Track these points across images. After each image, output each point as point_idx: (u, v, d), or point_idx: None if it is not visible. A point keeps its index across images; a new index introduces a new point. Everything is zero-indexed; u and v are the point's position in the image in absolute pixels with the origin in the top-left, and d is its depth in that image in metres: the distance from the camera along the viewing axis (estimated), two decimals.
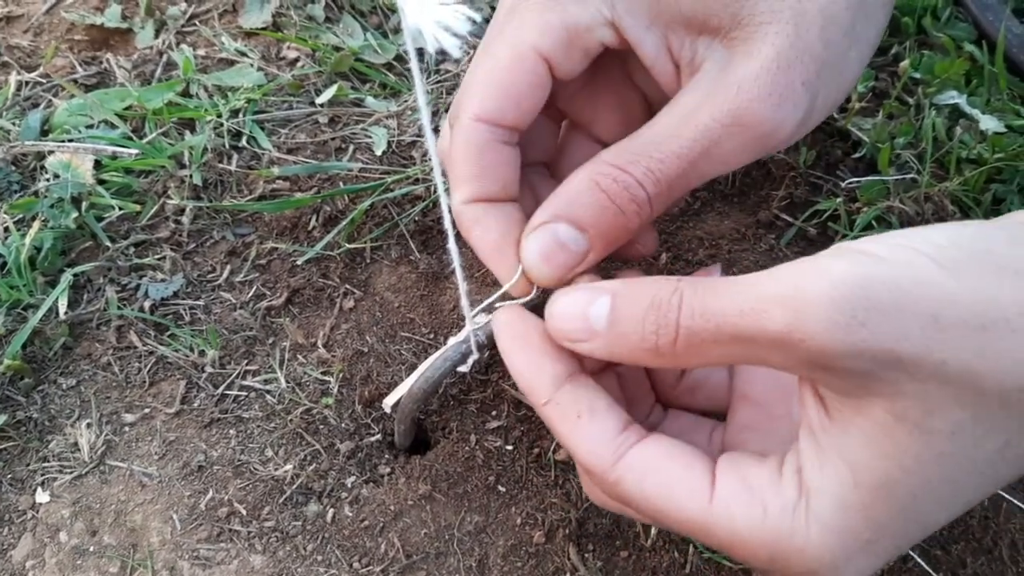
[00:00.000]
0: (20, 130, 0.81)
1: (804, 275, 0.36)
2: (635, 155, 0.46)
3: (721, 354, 0.39)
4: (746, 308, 0.37)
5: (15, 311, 0.71)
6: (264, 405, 0.68)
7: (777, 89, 0.44)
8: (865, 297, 0.34)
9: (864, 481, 0.37)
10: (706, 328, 0.38)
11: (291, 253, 0.75)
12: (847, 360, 0.34)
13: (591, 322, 0.42)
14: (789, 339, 0.35)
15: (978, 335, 0.34)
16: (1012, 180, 0.72)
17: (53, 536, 0.63)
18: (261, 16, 0.90)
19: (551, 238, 0.47)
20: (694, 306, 0.39)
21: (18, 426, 0.67)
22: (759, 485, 0.40)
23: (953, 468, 0.36)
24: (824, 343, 0.34)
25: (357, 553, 0.61)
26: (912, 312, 0.34)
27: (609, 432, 0.42)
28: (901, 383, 0.35)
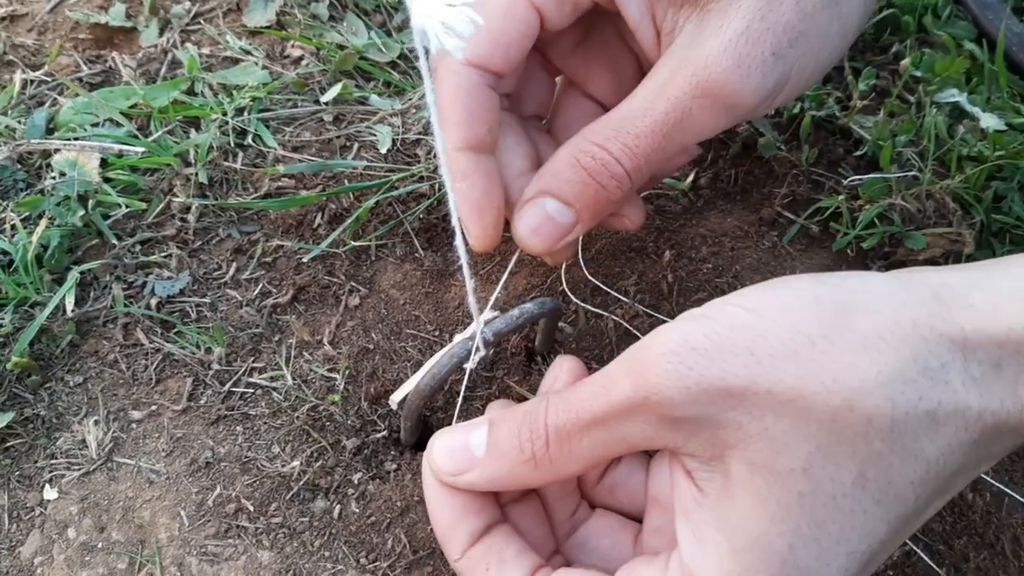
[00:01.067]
0: (26, 128, 0.81)
1: (641, 346, 0.39)
2: (613, 131, 0.48)
3: (590, 444, 0.41)
4: (596, 389, 0.40)
5: (22, 309, 0.71)
6: (271, 402, 0.68)
7: (745, 60, 0.45)
8: (689, 346, 0.37)
9: (739, 544, 0.37)
10: (568, 420, 0.41)
11: (297, 251, 0.75)
12: (688, 406, 0.37)
13: (471, 451, 0.45)
14: (636, 400, 0.38)
15: (791, 361, 0.36)
16: (1012, 177, 0.72)
17: (61, 532, 0.63)
18: (265, 15, 0.90)
19: (540, 212, 0.50)
20: (558, 405, 0.42)
21: (26, 423, 0.68)
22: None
23: (816, 507, 0.36)
24: (665, 394, 0.37)
25: (364, 549, 0.62)
26: (729, 351, 0.37)
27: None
28: (744, 425, 0.36)
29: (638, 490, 0.50)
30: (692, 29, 0.47)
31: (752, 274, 0.72)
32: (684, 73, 0.46)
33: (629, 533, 0.50)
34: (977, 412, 0.37)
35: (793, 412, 0.36)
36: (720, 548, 0.38)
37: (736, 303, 0.39)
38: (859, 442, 0.36)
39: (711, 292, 0.71)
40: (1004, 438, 0.38)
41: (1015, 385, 0.37)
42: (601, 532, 0.50)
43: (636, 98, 0.49)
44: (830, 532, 0.37)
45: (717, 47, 0.46)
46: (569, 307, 0.71)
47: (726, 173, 0.78)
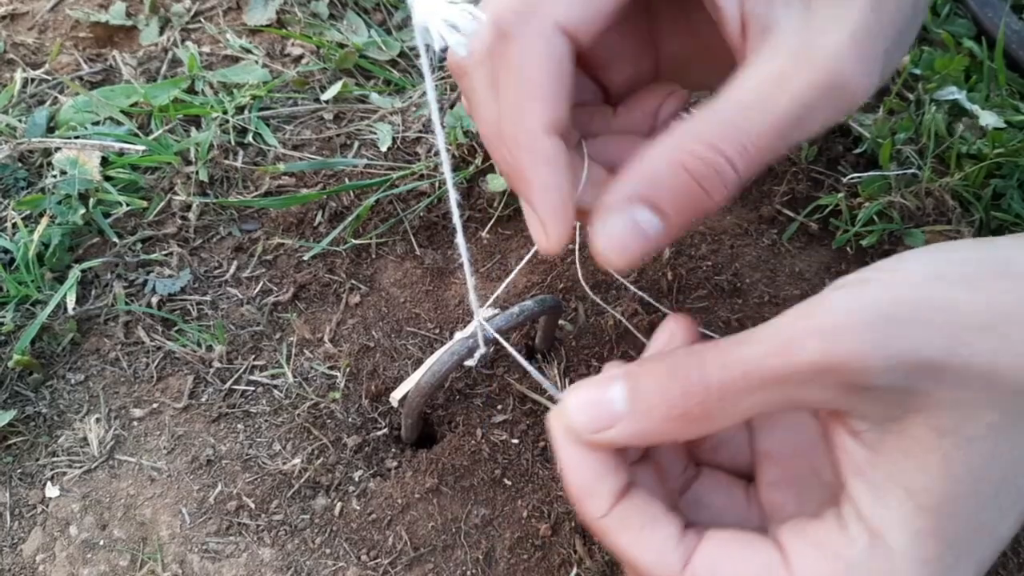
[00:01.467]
0: (27, 127, 0.81)
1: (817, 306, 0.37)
2: (727, 129, 0.41)
3: (753, 404, 0.38)
4: (772, 348, 0.37)
5: (24, 307, 0.72)
6: (271, 400, 0.68)
7: (867, 55, 0.42)
8: (883, 315, 0.35)
9: (925, 503, 0.37)
10: (733, 377, 0.37)
11: (297, 249, 0.75)
12: (884, 376, 0.35)
13: (612, 405, 0.40)
14: (826, 366, 0.36)
15: (988, 335, 0.35)
16: (1012, 175, 0.72)
17: (63, 530, 0.63)
18: (265, 13, 0.90)
19: (630, 224, 0.41)
20: (717, 360, 0.38)
21: (27, 421, 0.68)
22: (828, 542, 0.39)
23: (1003, 468, 0.37)
24: (862, 363, 0.35)
25: (365, 546, 0.62)
26: (926, 322, 0.35)
27: (672, 538, 0.41)
28: (934, 393, 0.36)
29: (741, 447, 0.48)
30: (798, 21, 0.42)
31: (752, 271, 0.72)
32: (808, 65, 0.41)
33: (739, 489, 0.48)
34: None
35: (984, 384, 0.35)
36: (905, 507, 0.37)
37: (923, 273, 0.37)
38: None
39: (711, 290, 0.71)
40: None
41: None
42: (712, 489, 0.47)
43: (746, 91, 0.42)
44: (1008, 492, 0.37)
45: (843, 39, 0.41)
46: (569, 304, 0.71)
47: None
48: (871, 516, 0.38)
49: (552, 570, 0.60)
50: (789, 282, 0.72)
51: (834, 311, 0.36)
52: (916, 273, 0.37)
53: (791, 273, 0.72)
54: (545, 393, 0.66)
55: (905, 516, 0.37)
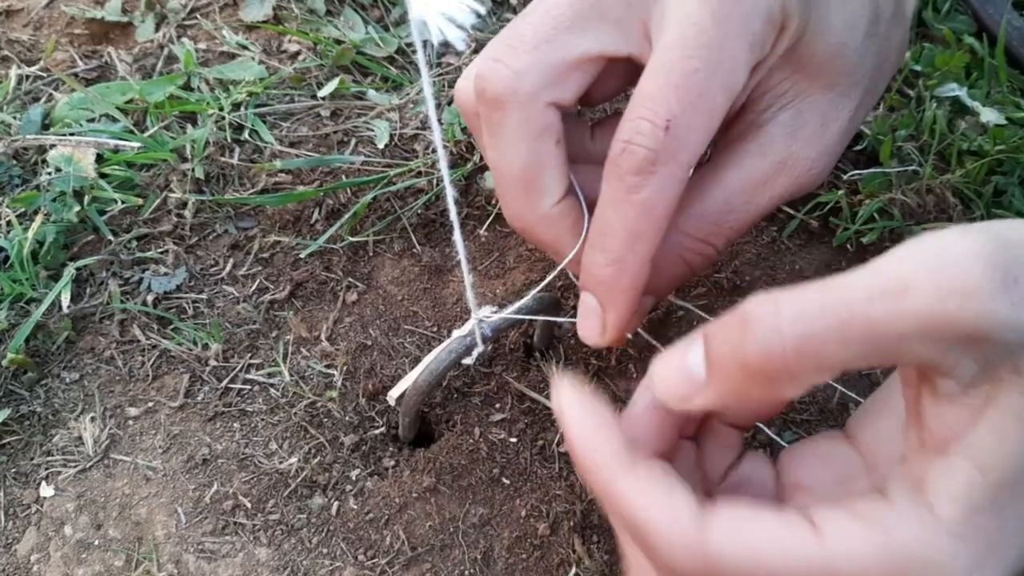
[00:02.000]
0: (21, 124, 0.80)
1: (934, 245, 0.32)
2: (715, 226, 0.48)
3: (842, 357, 0.33)
4: (876, 293, 0.32)
5: (18, 305, 0.71)
6: (268, 398, 0.68)
7: (832, 161, 0.49)
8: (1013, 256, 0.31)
9: (993, 480, 0.33)
10: (826, 328, 0.33)
11: (294, 246, 0.75)
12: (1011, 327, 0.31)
13: (692, 372, 0.38)
14: (942, 312, 0.31)
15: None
16: (1013, 172, 0.72)
17: (58, 530, 0.63)
18: (262, 9, 0.90)
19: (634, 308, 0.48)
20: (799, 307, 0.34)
21: (22, 420, 0.67)
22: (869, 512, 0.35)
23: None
24: (986, 307, 0.30)
25: (362, 545, 0.61)
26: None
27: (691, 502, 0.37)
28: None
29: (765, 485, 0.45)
30: (789, 121, 0.48)
31: (752, 269, 0.72)
32: (788, 174, 0.48)
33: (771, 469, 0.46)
34: None
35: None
36: (971, 481, 0.33)
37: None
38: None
39: (710, 288, 0.71)
40: None
41: None
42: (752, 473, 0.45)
43: (733, 190, 0.48)
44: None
45: (819, 152, 0.48)
46: (568, 303, 0.71)
47: None
48: (927, 483, 0.34)
49: (551, 570, 0.60)
50: (789, 280, 0.71)
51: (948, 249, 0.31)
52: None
53: (791, 271, 0.72)
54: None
55: (968, 488, 0.33)
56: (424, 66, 0.42)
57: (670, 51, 0.42)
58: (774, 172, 0.48)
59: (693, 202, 0.48)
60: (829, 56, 0.46)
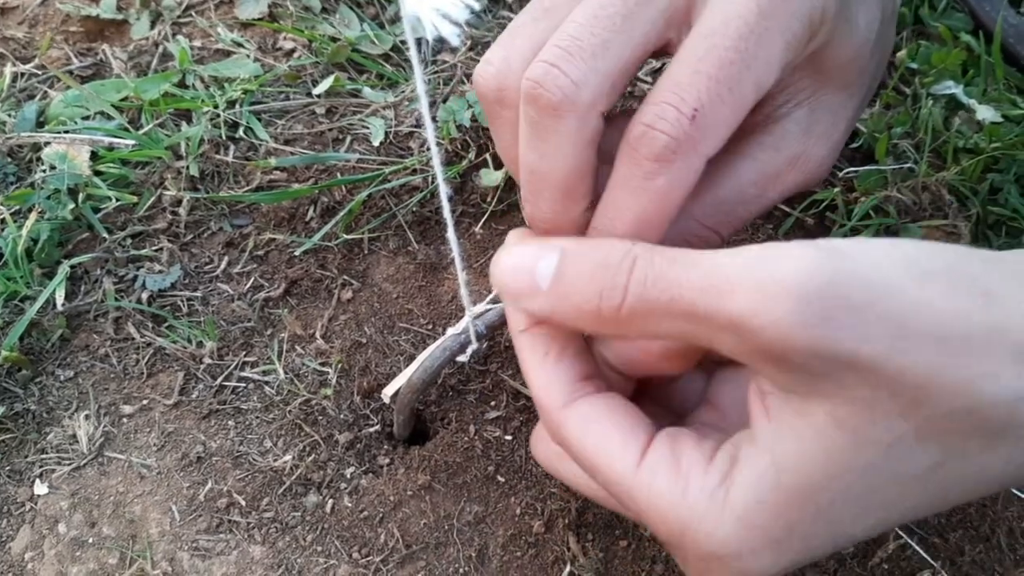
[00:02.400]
0: (16, 122, 0.80)
1: (773, 260, 0.35)
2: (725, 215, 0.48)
3: (668, 328, 0.37)
4: (707, 285, 0.35)
5: (12, 303, 0.71)
6: (263, 396, 0.68)
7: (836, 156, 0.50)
8: (834, 293, 0.33)
9: (786, 483, 0.36)
10: (658, 299, 0.37)
11: (289, 244, 0.75)
12: (804, 357, 0.33)
13: (536, 279, 0.40)
14: (749, 324, 0.34)
15: (940, 348, 0.33)
16: (1009, 170, 0.72)
17: (52, 528, 0.63)
18: (257, 7, 0.89)
19: None
20: (648, 273, 0.37)
21: (16, 418, 0.67)
22: (688, 463, 0.39)
23: (878, 480, 0.35)
24: (785, 334, 0.33)
25: (357, 543, 0.61)
26: (879, 315, 0.33)
27: (569, 376, 0.43)
28: (853, 388, 0.34)
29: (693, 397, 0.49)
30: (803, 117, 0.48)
31: None
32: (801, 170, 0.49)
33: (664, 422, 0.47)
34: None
35: (911, 397, 0.33)
36: (766, 476, 0.36)
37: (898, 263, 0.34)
38: (958, 439, 0.34)
39: None
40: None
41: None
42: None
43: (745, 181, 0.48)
44: (877, 501, 0.36)
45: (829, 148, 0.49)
46: None
47: None
48: (738, 465, 0.38)
49: (545, 567, 0.60)
50: None
51: (780, 268, 0.34)
52: (888, 256, 0.35)
53: None
54: None
55: (759, 483, 0.36)
56: (417, 64, 0.42)
57: (707, 39, 0.41)
58: (787, 167, 0.48)
59: (706, 190, 0.47)
60: (850, 58, 0.46)
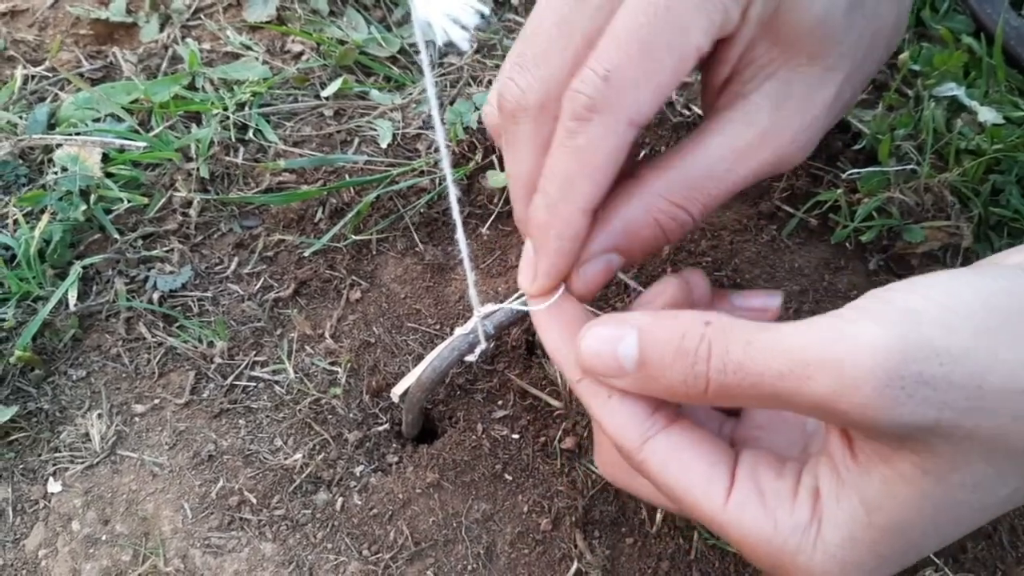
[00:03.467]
0: (27, 124, 0.81)
1: (849, 340, 0.36)
2: (693, 190, 0.48)
3: (753, 404, 0.40)
4: (786, 371, 0.37)
5: (25, 303, 0.72)
6: (273, 395, 0.68)
7: (815, 136, 0.49)
8: (913, 371, 0.34)
9: (878, 522, 0.38)
10: (740, 385, 0.38)
11: (298, 245, 0.75)
12: (889, 429, 0.35)
13: (620, 362, 0.43)
14: (834, 407, 0.35)
15: (1009, 404, 0.35)
16: (1010, 171, 0.72)
17: (65, 525, 0.63)
18: (265, 10, 0.90)
19: (604, 267, 0.49)
20: (726, 362, 0.39)
21: (29, 417, 0.68)
22: (774, 499, 0.41)
23: (965, 512, 0.38)
24: (870, 414, 0.35)
25: (366, 541, 0.62)
26: (958, 384, 0.34)
27: (639, 414, 0.43)
28: (936, 446, 0.36)
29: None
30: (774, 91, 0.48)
31: (751, 267, 0.72)
32: (770, 145, 0.48)
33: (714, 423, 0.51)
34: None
35: (990, 444, 0.35)
36: (857, 515, 0.38)
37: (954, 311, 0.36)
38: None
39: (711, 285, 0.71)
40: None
41: None
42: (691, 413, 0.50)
43: (714, 156, 0.48)
44: (960, 528, 0.39)
45: (802, 125, 0.48)
46: None
47: None
48: (824, 504, 0.39)
49: (552, 564, 0.60)
50: (788, 277, 0.72)
51: (857, 349, 0.35)
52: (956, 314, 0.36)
53: (790, 268, 0.72)
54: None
55: (853, 523, 0.39)
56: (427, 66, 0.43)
57: (623, 10, 0.43)
58: (758, 141, 0.48)
59: (672, 166, 0.48)
60: (809, 28, 0.46)
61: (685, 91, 0.84)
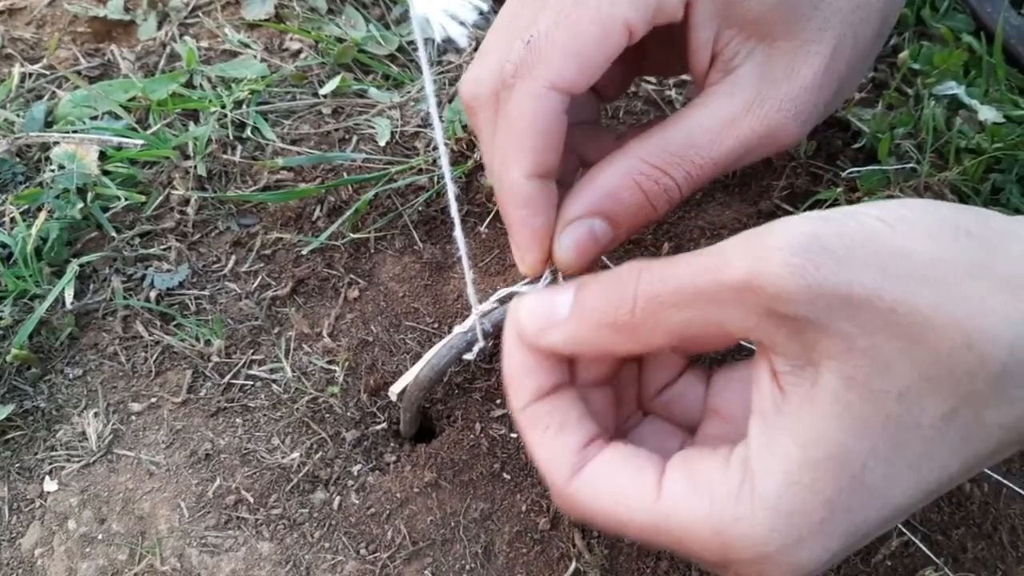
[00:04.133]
0: (24, 122, 0.81)
1: (763, 232, 0.37)
2: (676, 157, 0.48)
3: (681, 320, 0.39)
4: (703, 264, 0.38)
5: (22, 301, 0.71)
6: (270, 394, 0.68)
7: (805, 110, 0.48)
8: (819, 245, 0.35)
9: (812, 456, 0.36)
10: (665, 290, 0.39)
11: (296, 243, 0.75)
12: (803, 305, 0.35)
13: (556, 310, 0.43)
14: (749, 285, 0.36)
15: (927, 287, 0.35)
16: (1011, 169, 0.72)
17: (62, 524, 0.63)
18: (263, 7, 0.90)
19: (587, 233, 0.48)
20: (653, 274, 0.40)
21: (25, 416, 0.68)
22: (705, 476, 0.39)
23: (899, 432, 0.36)
24: (782, 286, 0.35)
25: (364, 540, 0.62)
26: (863, 260, 0.35)
27: (571, 447, 0.43)
28: (853, 338, 0.35)
29: (695, 404, 0.49)
30: (758, 65, 0.48)
31: None
32: (756, 113, 0.48)
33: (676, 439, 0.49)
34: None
35: (909, 336, 0.35)
36: (789, 456, 0.37)
37: (875, 215, 0.37)
38: (964, 380, 0.35)
39: None
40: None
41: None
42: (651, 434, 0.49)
43: (699, 124, 0.48)
44: (904, 457, 0.36)
45: (790, 96, 0.48)
46: None
47: None
48: (756, 461, 0.38)
49: (551, 564, 0.60)
50: None
51: (772, 235, 0.36)
52: (868, 215, 0.37)
53: None
54: None
55: (787, 465, 0.37)
56: (426, 63, 0.43)
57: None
58: (742, 111, 0.48)
59: (656, 134, 0.49)
60: (771, 7, 0.47)
61: (686, 89, 0.84)
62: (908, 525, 0.61)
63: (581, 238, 0.48)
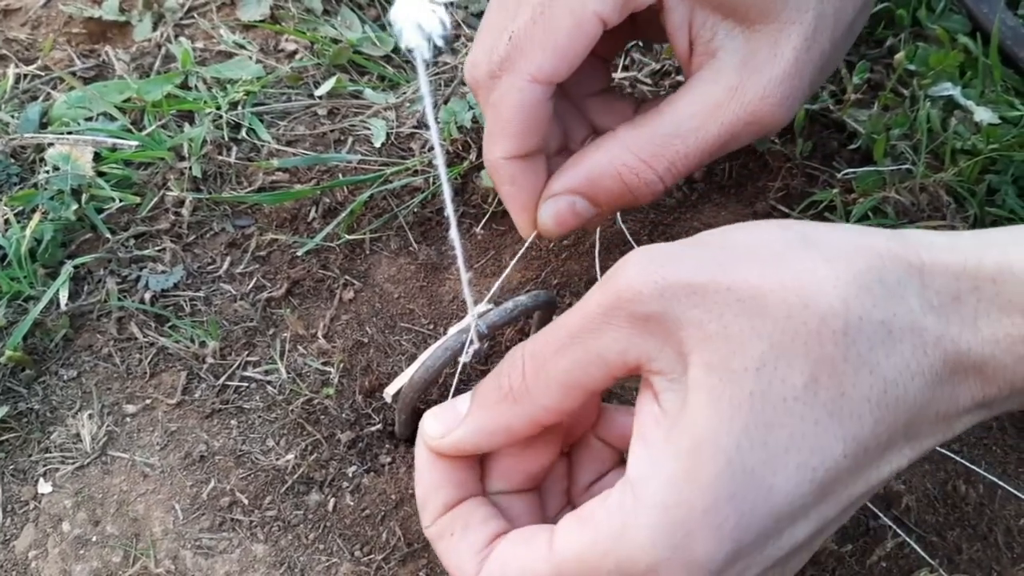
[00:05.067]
0: (19, 123, 0.81)
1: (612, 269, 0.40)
2: (660, 147, 0.50)
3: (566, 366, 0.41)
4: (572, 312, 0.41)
5: (16, 303, 0.71)
6: (265, 396, 0.68)
7: (791, 93, 0.49)
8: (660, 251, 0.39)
9: (685, 447, 0.36)
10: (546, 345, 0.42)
11: (291, 244, 0.75)
12: (655, 300, 0.38)
13: (457, 411, 0.46)
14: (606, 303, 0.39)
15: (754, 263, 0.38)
16: (1006, 171, 0.72)
17: (56, 526, 0.63)
18: (259, 9, 0.90)
19: (568, 207, 0.52)
20: (536, 339, 0.43)
21: (20, 417, 0.67)
22: (590, 510, 0.40)
23: (766, 408, 0.36)
24: (633, 287, 0.38)
25: (359, 542, 0.62)
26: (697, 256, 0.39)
27: (475, 546, 0.44)
28: (704, 324, 0.37)
29: None
30: (739, 48, 0.49)
31: None
32: (739, 100, 0.49)
33: None
34: (935, 336, 0.37)
35: (751, 309, 0.37)
36: (665, 456, 0.37)
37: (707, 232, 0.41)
38: (812, 342, 0.36)
39: None
40: (969, 380, 0.38)
41: (974, 319, 0.37)
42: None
43: (681, 113, 0.50)
44: (778, 437, 0.36)
45: (773, 79, 0.48)
46: (564, 300, 0.71)
47: (720, 166, 0.78)
48: (634, 474, 0.38)
49: None
50: None
51: (620, 262, 0.40)
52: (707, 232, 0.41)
53: None
54: None
55: (663, 466, 0.37)
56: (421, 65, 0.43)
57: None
58: (725, 97, 0.49)
59: (644, 123, 0.51)
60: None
61: None
62: (903, 526, 0.61)
63: (561, 210, 0.53)
